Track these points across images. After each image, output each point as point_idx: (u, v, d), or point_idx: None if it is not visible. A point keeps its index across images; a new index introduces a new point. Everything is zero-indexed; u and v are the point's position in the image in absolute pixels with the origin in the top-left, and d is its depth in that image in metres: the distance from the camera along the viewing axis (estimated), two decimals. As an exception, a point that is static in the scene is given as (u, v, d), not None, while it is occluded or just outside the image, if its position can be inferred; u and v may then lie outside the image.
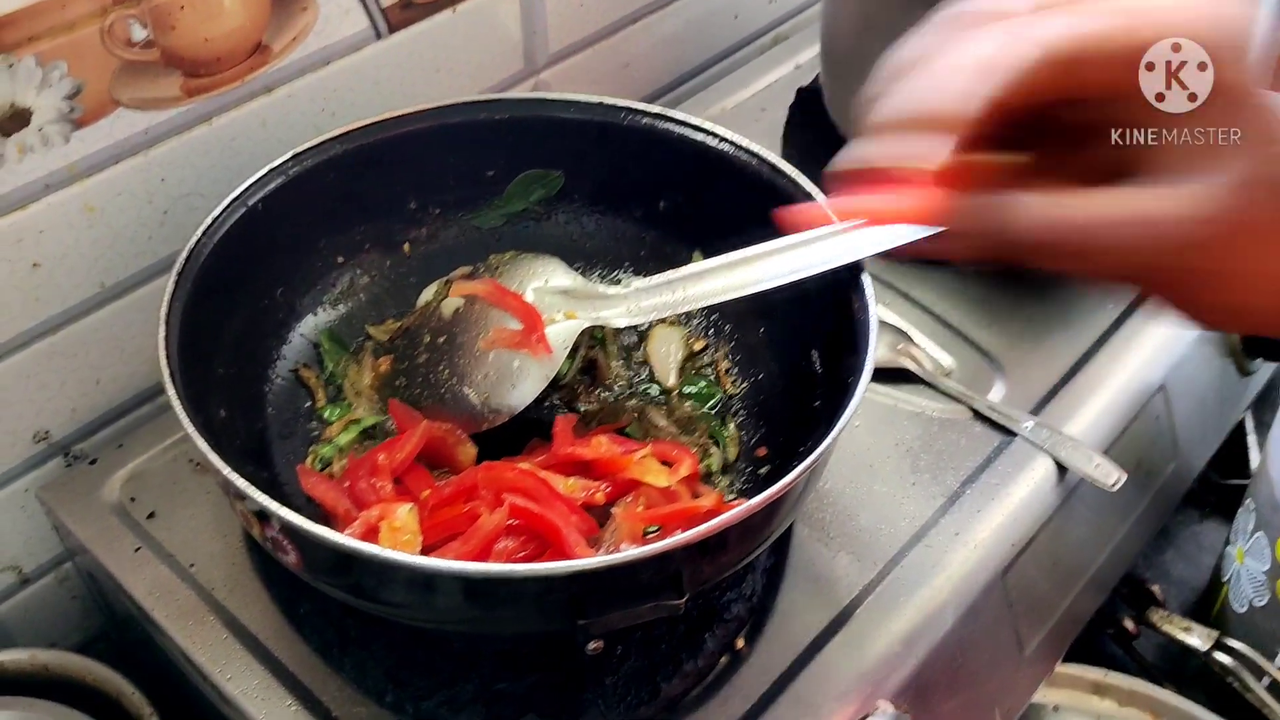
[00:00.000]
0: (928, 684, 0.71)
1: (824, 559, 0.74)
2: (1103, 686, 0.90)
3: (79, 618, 0.88)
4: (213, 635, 0.69)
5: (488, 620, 0.61)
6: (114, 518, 0.76)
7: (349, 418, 0.77)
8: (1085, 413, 0.84)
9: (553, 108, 0.82)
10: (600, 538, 0.67)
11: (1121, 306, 0.92)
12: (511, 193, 0.86)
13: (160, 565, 0.73)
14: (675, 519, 0.68)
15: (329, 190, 0.78)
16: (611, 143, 0.82)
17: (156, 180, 0.78)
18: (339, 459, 0.75)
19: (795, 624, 0.70)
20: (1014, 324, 0.90)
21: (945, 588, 0.73)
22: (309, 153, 0.76)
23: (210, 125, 0.79)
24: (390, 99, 0.88)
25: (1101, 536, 0.87)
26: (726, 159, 0.79)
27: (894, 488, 0.78)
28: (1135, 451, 0.87)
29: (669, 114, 0.81)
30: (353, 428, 0.76)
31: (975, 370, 0.86)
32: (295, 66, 0.82)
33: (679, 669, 0.66)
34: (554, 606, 0.55)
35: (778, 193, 0.76)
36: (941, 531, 0.75)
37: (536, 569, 0.54)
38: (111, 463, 0.79)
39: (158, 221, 0.79)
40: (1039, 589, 0.81)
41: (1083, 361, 0.87)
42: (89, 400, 0.82)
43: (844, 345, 0.69)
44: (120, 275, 0.79)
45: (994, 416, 0.82)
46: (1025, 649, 0.80)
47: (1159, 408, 0.89)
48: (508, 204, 0.86)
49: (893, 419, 0.83)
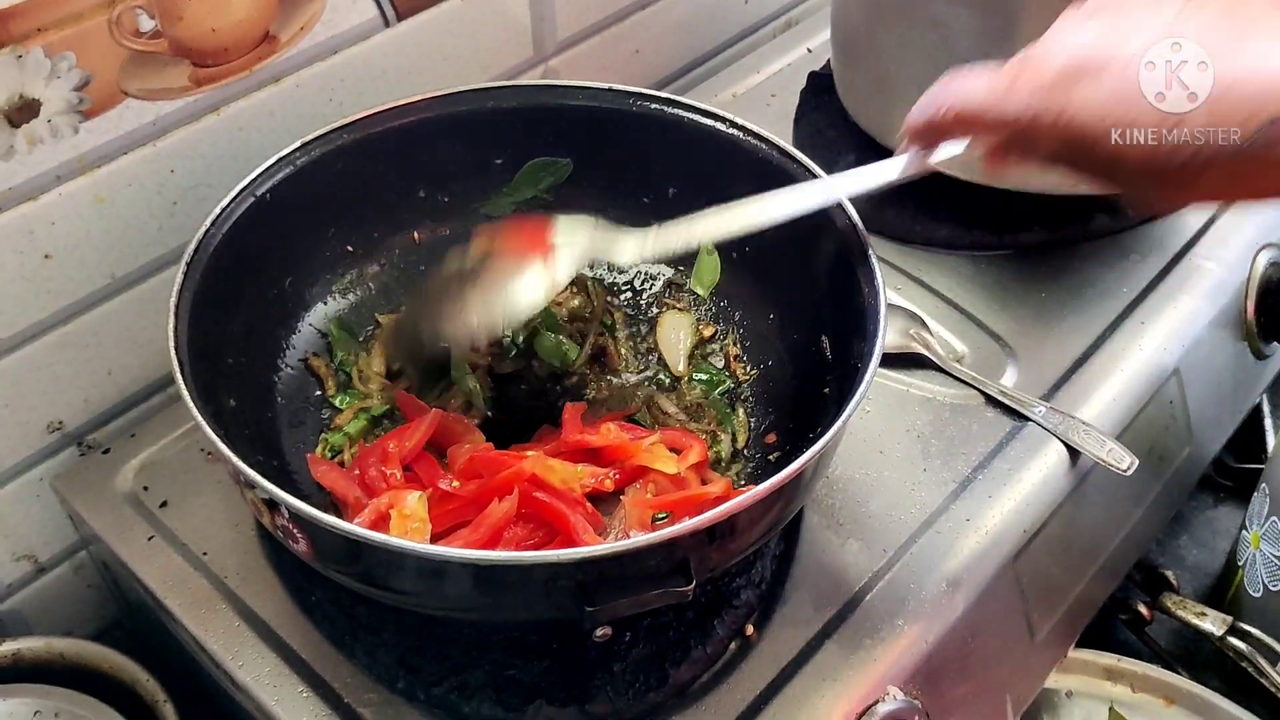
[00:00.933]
0: (938, 670, 0.71)
1: (834, 546, 0.74)
2: (1116, 672, 0.89)
3: (94, 606, 0.89)
4: (225, 623, 0.70)
5: (496, 607, 0.61)
6: (127, 507, 0.76)
7: (358, 405, 0.77)
8: (1098, 397, 0.83)
9: (561, 95, 0.82)
10: (609, 523, 0.67)
11: (1135, 291, 0.91)
12: (520, 180, 0.85)
13: (173, 554, 0.73)
14: (684, 505, 0.68)
15: (337, 179, 0.78)
16: (620, 130, 0.82)
17: (166, 171, 0.78)
18: (349, 447, 0.75)
19: (805, 610, 0.70)
20: (1026, 308, 0.89)
21: (956, 574, 0.73)
22: (317, 142, 0.76)
23: (219, 115, 0.79)
24: (398, 87, 0.88)
25: (1114, 522, 0.86)
26: (737, 145, 0.79)
27: (905, 474, 0.78)
28: (1149, 436, 0.86)
29: (678, 100, 0.81)
30: (362, 415, 0.77)
31: (987, 355, 0.86)
32: (303, 56, 0.82)
33: (688, 655, 0.67)
34: (562, 593, 0.55)
35: (789, 178, 0.75)
36: (952, 518, 0.75)
37: (544, 556, 0.54)
38: (124, 452, 0.79)
39: (167, 212, 0.79)
40: (1051, 575, 0.80)
41: (1096, 346, 0.87)
42: (101, 391, 0.82)
43: (854, 330, 0.68)
44: (131, 266, 0.79)
45: (1006, 401, 0.81)
46: (1037, 635, 0.80)
47: (1173, 392, 0.88)
48: (516, 192, 0.86)
49: (904, 404, 0.82)
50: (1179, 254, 0.95)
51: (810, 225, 0.70)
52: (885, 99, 0.93)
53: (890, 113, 0.92)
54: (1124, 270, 0.93)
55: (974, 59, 0.87)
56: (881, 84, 0.94)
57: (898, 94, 0.91)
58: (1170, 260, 0.94)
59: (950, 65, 0.91)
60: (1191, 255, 0.95)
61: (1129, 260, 0.94)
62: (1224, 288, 0.94)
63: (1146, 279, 0.92)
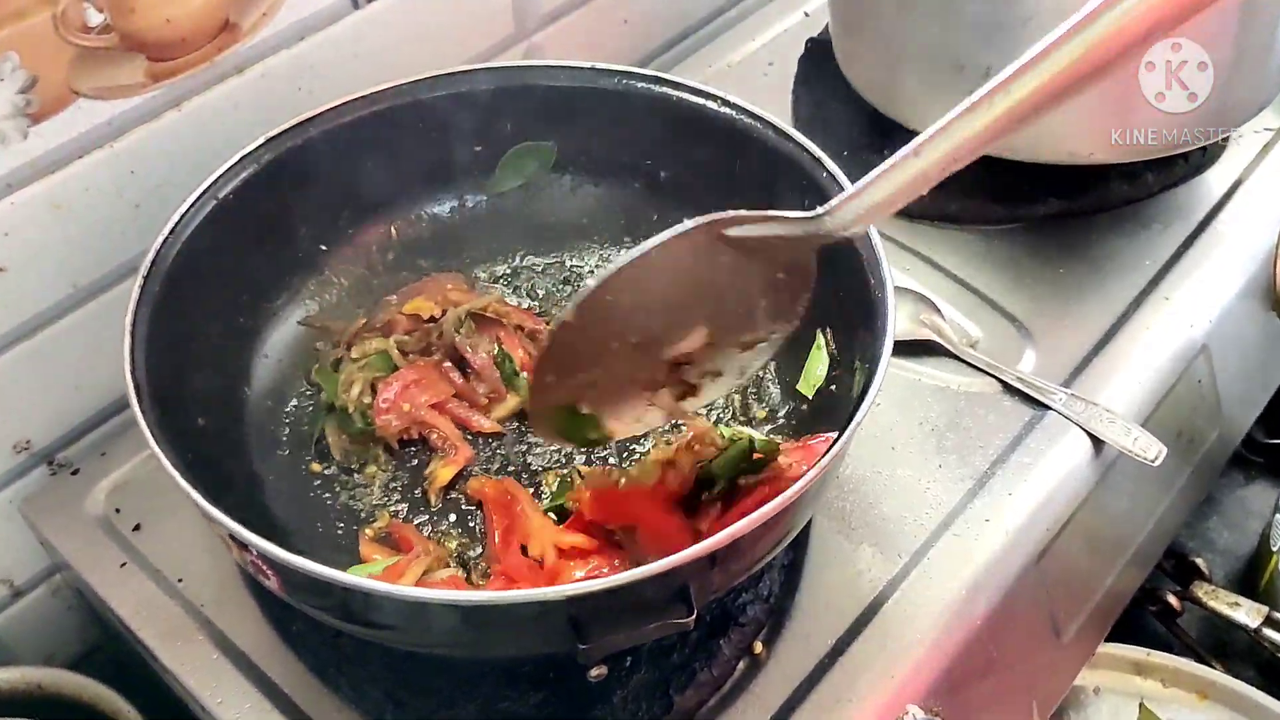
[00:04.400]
0: (959, 682, 0.67)
1: (845, 552, 0.69)
2: (1145, 666, 0.85)
3: (76, 629, 0.85)
4: (202, 655, 0.66)
5: (481, 645, 0.57)
6: (98, 531, 0.72)
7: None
8: (1122, 380, 0.79)
9: (541, 75, 0.77)
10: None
11: (1158, 263, 0.86)
12: (504, 166, 0.81)
13: (146, 580, 0.69)
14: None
15: (307, 175, 0.73)
16: (606, 111, 0.77)
17: (125, 172, 0.74)
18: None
19: (816, 625, 0.66)
20: (1043, 286, 0.85)
21: (976, 579, 0.68)
22: (282, 137, 0.72)
23: (179, 111, 0.75)
24: (371, 72, 0.82)
25: (1142, 512, 0.82)
26: (732, 125, 0.74)
27: (919, 471, 0.73)
28: (1177, 419, 0.81)
29: (667, 78, 0.76)
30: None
31: (1003, 339, 0.81)
32: (267, 44, 0.77)
33: (693, 679, 0.63)
34: (552, 631, 0.51)
35: (786, 159, 0.71)
36: (971, 518, 0.71)
37: (528, 595, 0.50)
38: (95, 472, 0.75)
39: (130, 216, 0.75)
40: (1076, 572, 0.76)
41: (1118, 324, 0.82)
42: (69, 406, 0.78)
43: (857, 323, 0.64)
44: (94, 275, 0.75)
45: (1024, 389, 0.77)
46: (1063, 636, 0.76)
47: (1201, 370, 0.83)
48: (501, 180, 0.81)
49: (915, 395, 0.78)
50: (1203, 222, 0.90)
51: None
52: (888, 68, 0.87)
53: (894, 82, 0.87)
54: (1145, 241, 0.88)
55: (980, 22, 0.83)
56: (884, 51, 0.88)
57: (901, 62, 0.85)
58: (1194, 229, 0.89)
59: (956, 28, 0.86)
60: (1216, 223, 0.90)
61: (1150, 230, 0.89)
62: (1252, 255, 0.89)
63: (1169, 250, 0.87)
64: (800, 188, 0.69)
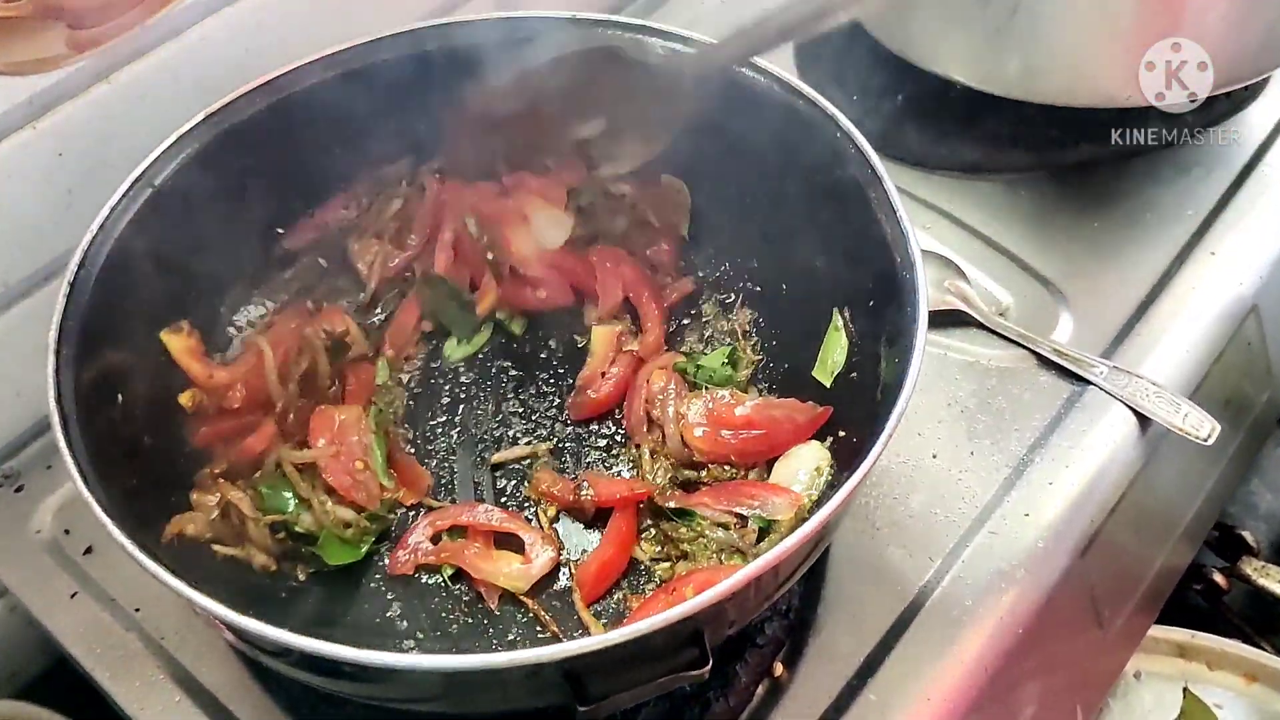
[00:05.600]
0: (998, 695, 0.61)
1: (871, 557, 0.63)
2: (1189, 649, 0.79)
3: (36, 646, 0.78)
4: (163, 694, 0.60)
5: (466, 704, 0.50)
6: (45, 555, 0.66)
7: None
8: (1167, 348, 0.72)
9: (516, 28, 0.69)
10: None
11: (1202, 214, 0.78)
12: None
13: (99, 610, 0.63)
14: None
15: (255, 152, 0.66)
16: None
17: (52, 155, 0.67)
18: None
19: (842, 640, 0.60)
20: (1077, 243, 0.77)
21: (1016, 580, 0.62)
22: (224, 112, 0.64)
23: (110, 83, 0.67)
24: (328, 27, 0.73)
25: (1190, 489, 0.75)
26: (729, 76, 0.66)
27: (949, 460, 0.67)
28: (1226, 386, 0.75)
29: (650, 26, 0.67)
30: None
31: (1036, 305, 0.74)
32: (205, 3, 0.68)
33: (708, 710, 0.57)
34: (547, 690, 0.45)
35: (793, 113, 0.63)
36: (1008, 513, 0.64)
37: (515, 658, 0.43)
38: (41, 488, 0.69)
39: (63, 203, 0.68)
40: (1122, 562, 0.70)
41: (1161, 285, 0.75)
42: (9, 414, 0.71)
43: (881, 302, 0.57)
44: (26, 270, 0.68)
45: (1061, 362, 0.70)
46: (1107, 628, 0.70)
47: (1250, 332, 0.76)
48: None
49: (943, 373, 0.71)
50: (1248, 165, 0.82)
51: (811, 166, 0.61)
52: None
53: (910, 19, 0.78)
54: (1185, 189, 0.81)
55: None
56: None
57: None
58: (1239, 173, 0.82)
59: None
60: (1262, 166, 0.82)
61: (1190, 176, 0.81)
62: (1303, 199, 0.81)
63: (1213, 198, 0.80)
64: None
